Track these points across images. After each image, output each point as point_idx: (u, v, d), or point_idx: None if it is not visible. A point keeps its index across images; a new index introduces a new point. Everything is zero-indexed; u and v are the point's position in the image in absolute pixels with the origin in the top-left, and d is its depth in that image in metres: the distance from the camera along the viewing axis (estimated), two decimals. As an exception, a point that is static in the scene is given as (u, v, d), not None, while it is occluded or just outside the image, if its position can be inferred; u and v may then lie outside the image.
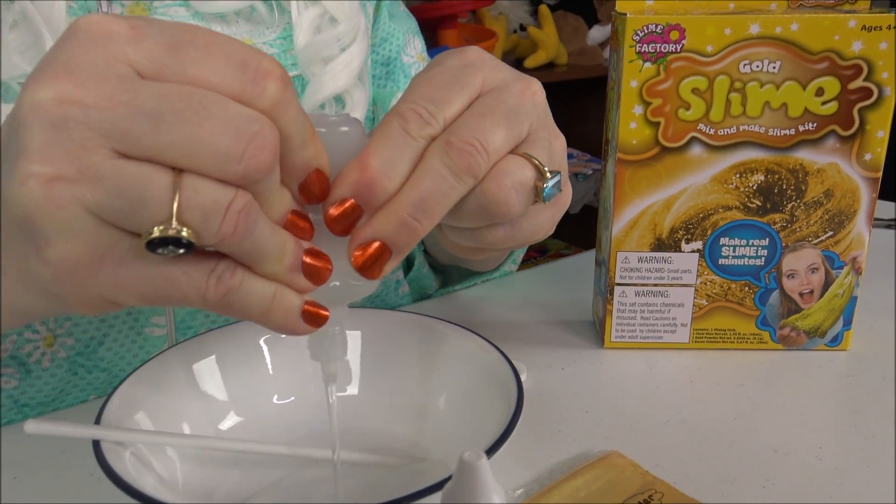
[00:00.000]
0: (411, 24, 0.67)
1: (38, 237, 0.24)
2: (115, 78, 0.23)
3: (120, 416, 0.33)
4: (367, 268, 0.29)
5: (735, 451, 0.40)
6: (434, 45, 1.70)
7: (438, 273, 0.66)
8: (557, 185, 0.32)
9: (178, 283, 0.26)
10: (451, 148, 0.28)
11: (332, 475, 0.34)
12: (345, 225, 0.28)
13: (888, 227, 0.75)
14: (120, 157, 0.24)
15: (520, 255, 0.64)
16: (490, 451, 0.29)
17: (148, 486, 0.31)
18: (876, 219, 0.77)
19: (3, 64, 0.44)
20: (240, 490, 0.35)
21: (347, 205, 0.28)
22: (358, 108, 0.53)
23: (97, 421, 0.32)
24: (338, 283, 0.30)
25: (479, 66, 0.31)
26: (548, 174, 0.31)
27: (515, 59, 1.92)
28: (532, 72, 1.90)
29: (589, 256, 0.70)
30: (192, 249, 0.24)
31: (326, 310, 0.29)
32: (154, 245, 0.24)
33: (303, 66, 0.53)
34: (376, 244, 0.28)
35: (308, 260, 0.28)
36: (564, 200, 0.34)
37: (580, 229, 1.89)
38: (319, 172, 0.28)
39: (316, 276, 0.28)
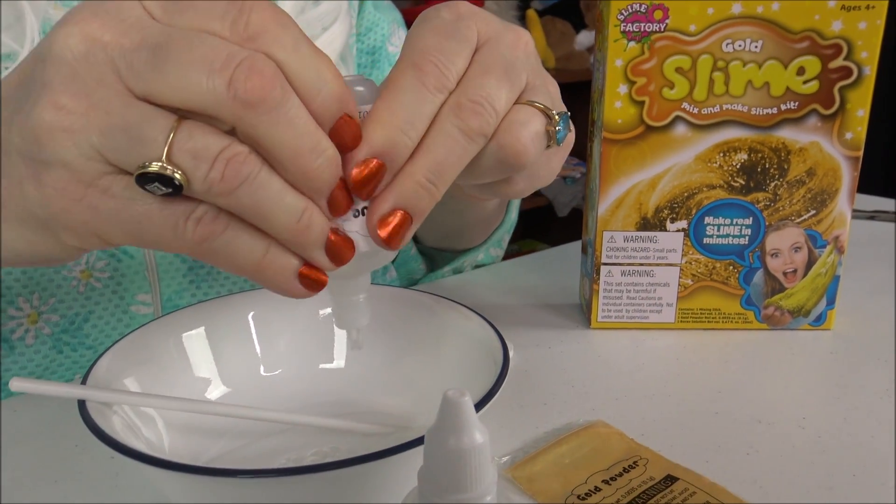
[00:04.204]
0: (396, 15, 0.68)
1: (40, 159, 0.26)
2: (132, 18, 0.25)
3: (107, 380, 0.33)
4: (392, 238, 0.28)
5: (719, 422, 0.40)
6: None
7: (425, 258, 0.66)
8: (567, 126, 0.32)
9: (154, 220, 0.26)
10: (461, 109, 0.28)
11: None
12: (370, 187, 0.28)
13: (870, 218, 0.76)
14: (132, 96, 0.25)
15: (506, 237, 0.65)
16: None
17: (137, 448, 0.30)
18: (856, 210, 0.78)
19: None
20: (224, 457, 0.35)
21: (372, 165, 0.27)
22: None
23: (83, 383, 0.32)
24: (360, 254, 0.29)
25: (471, 18, 0.31)
26: (556, 117, 0.31)
27: (504, 64, 1.92)
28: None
29: (575, 246, 0.70)
30: (180, 192, 0.25)
31: (325, 274, 0.28)
32: (144, 179, 0.25)
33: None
34: (399, 213, 0.28)
35: (332, 238, 0.27)
36: (569, 142, 0.35)
37: (569, 232, 1.90)
38: (348, 118, 0.27)
39: (338, 256, 0.28)
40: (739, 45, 0.45)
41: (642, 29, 0.45)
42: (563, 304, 0.56)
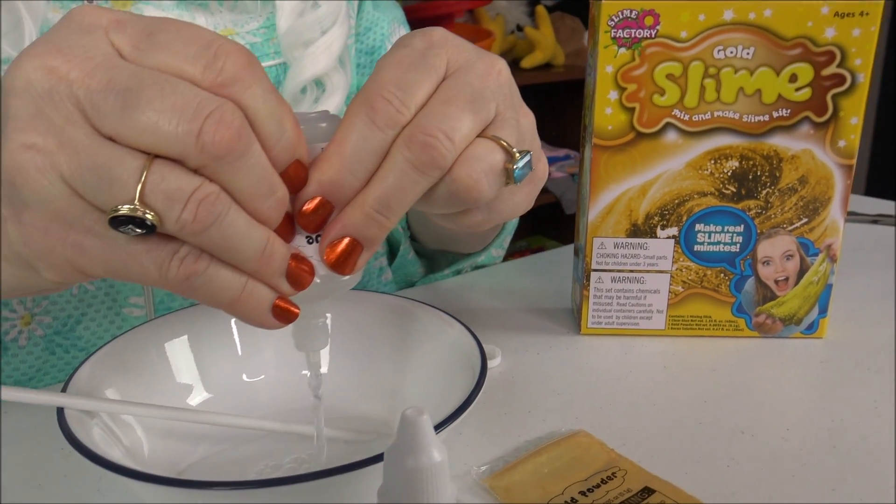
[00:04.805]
0: (397, 13, 0.67)
1: (18, 199, 0.26)
2: (100, 56, 0.25)
3: (89, 388, 0.33)
4: (340, 264, 0.29)
5: (702, 432, 0.40)
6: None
7: (425, 259, 0.66)
8: (528, 165, 0.31)
9: (140, 259, 0.26)
10: (413, 143, 0.28)
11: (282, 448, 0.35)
12: (317, 221, 0.29)
13: (872, 222, 0.75)
14: (100, 136, 0.25)
15: (507, 238, 0.64)
16: (445, 423, 0.29)
17: (114, 456, 0.31)
18: (859, 213, 0.77)
19: None
20: (204, 461, 0.36)
21: (316, 202, 0.28)
22: (338, 92, 0.53)
23: (63, 391, 0.32)
24: (318, 280, 0.29)
25: (443, 47, 0.30)
26: (517, 155, 0.30)
27: (512, 60, 1.92)
28: (528, 73, 1.90)
29: (572, 248, 0.70)
30: (153, 232, 0.25)
31: (297, 307, 0.29)
32: (117, 222, 0.25)
33: (285, 51, 0.53)
34: (346, 240, 0.29)
35: (293, 264, 0.28)
36: (540, 176, 0.34)
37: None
38: (299, 164, 0.28)
39: (298, 282, 0.28)
40: (731, 52, 0.45)
41: (633, 35, 0.45)
42: (556, 309, 0.56)
